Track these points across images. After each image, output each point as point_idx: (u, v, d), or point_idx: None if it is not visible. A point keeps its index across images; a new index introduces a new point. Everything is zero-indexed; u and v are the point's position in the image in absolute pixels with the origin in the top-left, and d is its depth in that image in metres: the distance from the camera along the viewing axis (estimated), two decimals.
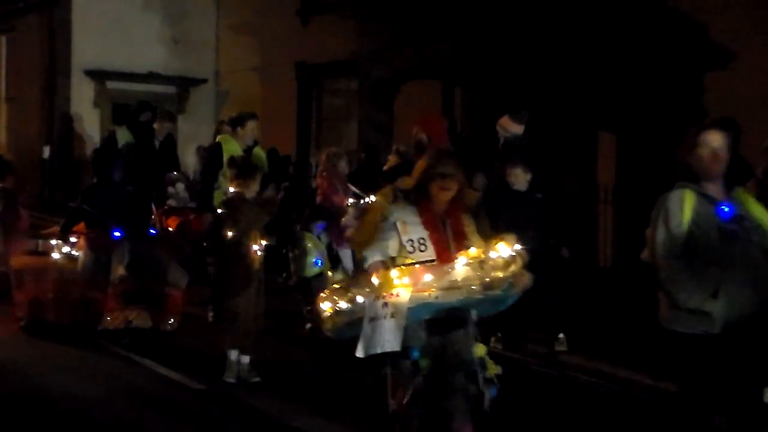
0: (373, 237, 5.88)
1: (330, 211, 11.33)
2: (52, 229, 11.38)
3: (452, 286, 5.50)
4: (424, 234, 5.81)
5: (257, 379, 8.91)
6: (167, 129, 13.31)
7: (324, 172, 11.91)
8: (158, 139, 13.09)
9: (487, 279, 5.50)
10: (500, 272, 5.53)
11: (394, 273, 5.54)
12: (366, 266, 5.73)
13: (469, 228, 5.91)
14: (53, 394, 8.58)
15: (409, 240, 5.78)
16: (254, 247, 8.90)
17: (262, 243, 9.01)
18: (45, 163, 22.43)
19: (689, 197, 5.68)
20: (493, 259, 5.55)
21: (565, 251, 10.35)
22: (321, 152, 13.06)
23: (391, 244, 5.80)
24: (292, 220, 12.17)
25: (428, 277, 5.52)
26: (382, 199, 6.49)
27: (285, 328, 11.27)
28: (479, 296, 5.55)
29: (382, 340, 5.47)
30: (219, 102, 22.91)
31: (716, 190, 5.75)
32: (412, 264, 5.65)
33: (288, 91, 20.55)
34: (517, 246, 5.66)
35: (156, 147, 13.09)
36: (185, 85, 22.91)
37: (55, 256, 10.74)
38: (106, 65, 22.03)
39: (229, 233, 8.91)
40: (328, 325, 5.78)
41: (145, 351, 9.99)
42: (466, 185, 6.04)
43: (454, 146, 10.68)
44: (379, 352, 5.52)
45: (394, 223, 5.85)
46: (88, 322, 10.39)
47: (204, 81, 23.03)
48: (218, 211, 9.48)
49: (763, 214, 5.75)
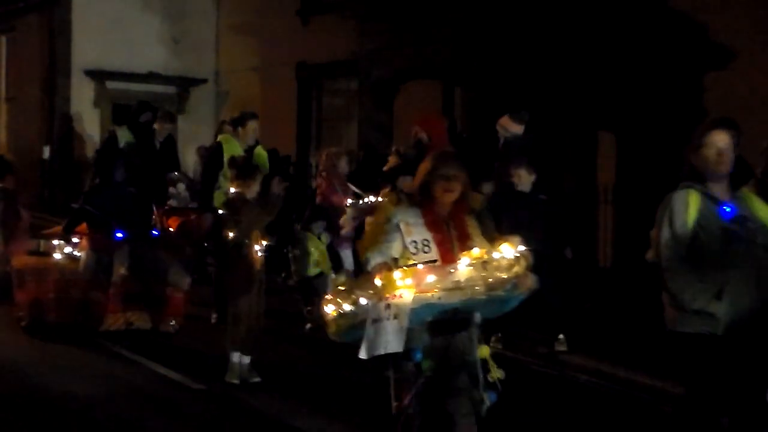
0: (378, 239, 5.87)
1: (329, 211, 11.35)
2: (55, 229, 11.38)
3: (455, 287, 5.46)
4: (428, 235, 5.78)
5: (257, 379, 8.91)
6: (168, 130, 13.29)
7: (323, 171, 11.94)
8: (158, 139, 13.07)
9: (490, 280, 5.47)
10: (503, 273, 5.50)
11: (396, 274, 5.50)
12: (369, 268, 5.70)
13: (474, 230, 5.88)
14: (53, 394, 8.58)
15: (413, 241, 5.76)
16: (256, 248, 8.91)
17: (263, 243, 9.02)
18: (45, 164, 22.42)
19: (694, 198, 5.66)
20: (496, 260, 5.52)
21: (568, 252, 10.35)
22: (321, 152, 13.08)
23: (395, 245, 5.77)
24: (292, 220, 12.18)
25: (431, 277, 5.48)
26: (386, 201, 6.46)
27: (285, 328, 11.28)
28: (482, 297, 5.51)
29: (384, 341, 5.44)
30: (219, 102, 22.91)
31: (721, 190, 5.72)
32: (415, 264, 5.63)
33: (288, 91, 20.55)
34: (522, 247, 5.63)
35: (156, 147, 13.07)
36: (185, 85, 22.90)
37: (57, 256, 10.75)
38: (106, 65, 22.03)
39: (231, 234, 8.91)
40: (332, 329, 5.72)
41: (146, 351, 9.99)
42: (469, 187, 6.01)
43: (454, 146, 10.67)
44: (381, 353, 5.48)
45: (398, 225, 5.81)
46: (89, 322, 10.41)
47: (204, 81, 23.02)
48: (219, 212, 9.49)
49: None
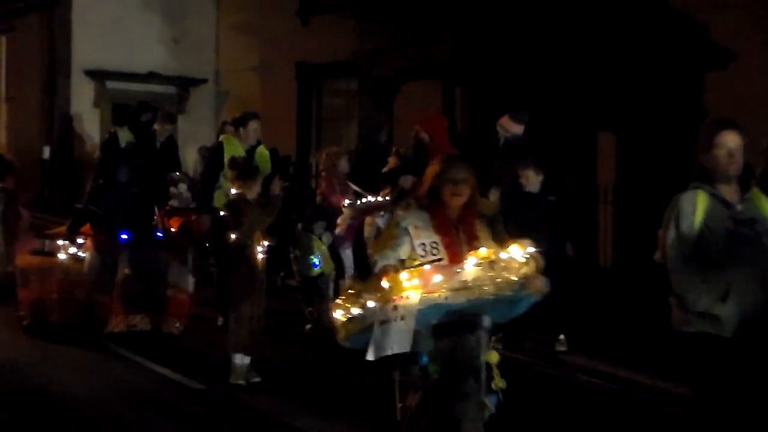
0: (386, 243, 5.85)
1: (329, 211, 11.35)
2: (59, 229, 11.37)
3: (462, 287, 5.45)
4: (436, 238, 5.78)
5: (257, 379, 8.91)
6: (168, 131, 13.27)
7: (323, 171, 11.93)
8: (159, 140, 13.06)
9: (498, 279, 5.45)
10: (511, 273, 5.49)
11: (403, 275, 5.49)
12: (376, 270, 5.69)
13: (483, 233, 5.86)
14: (53, 394, 8.57)
15: (422, 244, 5.75)
16: (257, 249, 8.90)
17: (264, 244, 9.01)
18: (45, 164, 22.42)
19: (702, 198, 5.62)
20: (504, 260, 5.51)
21: (569, 248, 10.33)
22: (321, 152, 13.07)
23: (403, 248, 5.77)
24: (292, 220, 12.18)
25: (437, 277, 5.47)
26: (400, 210, 6.45)
27: (285, 328, 11.27)
28: (489, 297, 5.49)
29: (391, 341, 5.43)
30: (219, 102, 22.91)
31: (731, 191, 5.68)
32: (421, 264, 5.61)
33: (288, 91, 20.55)
34: (531, 249, 5.62)
35: (157, 148, 13.06)
36: (185, 85, 22.90)
37: (62, 256, 10.73)
38: (106, 65, 22.02)
39: (233, 235, 8.90)
40: (341, 334, 5.71)
41: (146, 351, 9.99)
42: (478, 190, 6.00)
43: (454, 146, 10.67)
44: (389, 353, 5.46)
45: (406, 228, 5.82)
46: (93, 324, 10.39)
47: (204, 81, 23.02)
48: (219, 213, 9.48)
49: None
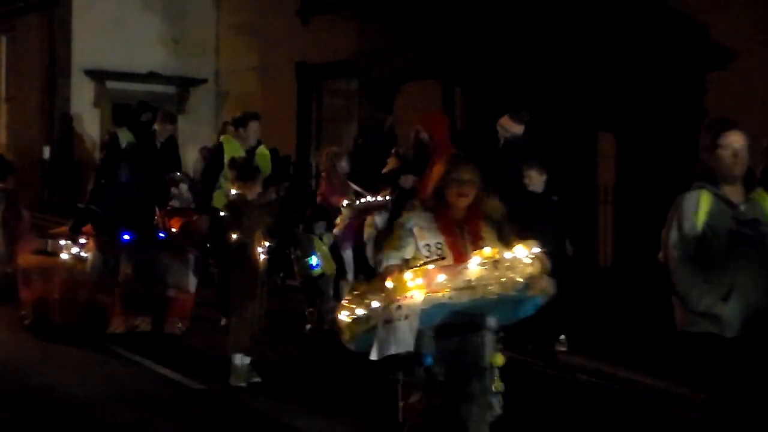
0: (391, 244, 5.84)
1: (329, 211, 11.34)
2: (62, 229, 11.36)
3: (466, 286, 5.42)
4: (441, 239, 5.77)
5: (257, 379, 8.90)
6: (169, 131, 13.23)
7: (323, 172, 11.92)
8: (160, 140, 13.04)
9: (502, 279, 5.43)
10: (515, 273, 5.47)
11: (407, 275, 5.49)
12: (380, 270, 5.69)
13: (488, 234, 5.84)
14: (53, 394, 8.57)
15: (426, 245, 5.74)
16: (258, 249, 8.89)
17: (265, 244, 8.99)
18: (45, 164, 22.42)
19: (705, 198, 5.60)
20: (508, 260, 5.49)
21: (569, 248, 10.32)
22: (321, 152, 13.06)
23: (408, 249, 5.76)
24: (292, 220, 12.17)
25: (441, 277, 5.46)
26: (406, 212, 6.44)
27: (285, 328, 11.27)
28: (493, 297, 5.47)
29: (395, 341, 5.41)
30: (219, 102, 22.91)
31: (735, 192, 5.66)
32: (425, 263, 5.60)
33: (288, 91, 20.55)
34: (537, 249, 5.60)
35: (157, 148, 13.04)
36: (185, 85, 22.90)
37: (64, 256, 10.73)
38: (106, 65, 22.03)
39: (234, 236, 8.89)
40: (346, 336, 5.68)
41: (146, 352, 9.98)
42: (484, 191, 5.98)
43: (454, 146, 10.67)
44: (392, 352, 5.45)
45: (411, 229, 5.81)
46: (95, 324, 10.38)
47: (204, 81, 23.02)
48: (219, 213, 9.45)
49: None
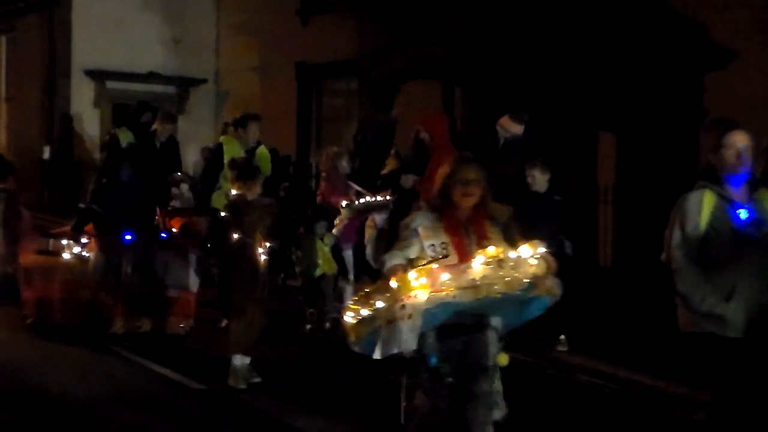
0: (396, 244, 5.85)
1: (329, 211, 11.33)
2: (64, 229, 11.36)
3: (470, 285, 5.41)
4: (446, 239, 5.76)
5: (257, 379, 8.90)
6: (169, 130, 13.21)
7: (323, 172, 11.92)
8: (160, 140, 13.03)
9: (507, 278, 5.41)
10: (520, 273, 5.45)
11: (411, 275, 5.48)
12: (385, 270, 5.68)
13: (494, 234, 5.83)
14: (53, 394, 8.57)
15: (431, 245, 5.73)
16: (259, 250, 8.88)
17: (266, 245, 8.98)
18: (45, 164, 22.42)
19: (708, 198, 5.59)
20: (512, 259, 5.47)
21: (569, 247, 10.32)
22: (321, 152, 13.04)
23: (412, 249, 5.76)
24: (292, 220, 12.16)
25: (445, 276, 5.44)
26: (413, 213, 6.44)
27: (285, 328, 11.27)
28: (497, 296, 5.46)
29: (398, 340, 5.40)
30: (219, 102, 22.92)
31: (739, 192, 5.64)
32: (429, 263, 5.59)
33: (288, 91, 20.56)
34: (542, 249, 5.59)
35: (157, 148, 13.03)
36: (185, 85, 22.91)
37: (66, 256, 10.74)
38: (106, 65, 22.04)
39: (234, 236, 8.88)
40: (352, 338, 5.66)
41: (146, 352, 9.98)
42: (489, 192, 5.97)
43: (455, 146, 10.67)
44: (395, 351, 5.45)
45: (416, 229, 5.81)
46: (96, 324, 10.38)
47: (204, 81, 23.03)
48: (220, 214, 9.44)
49: None
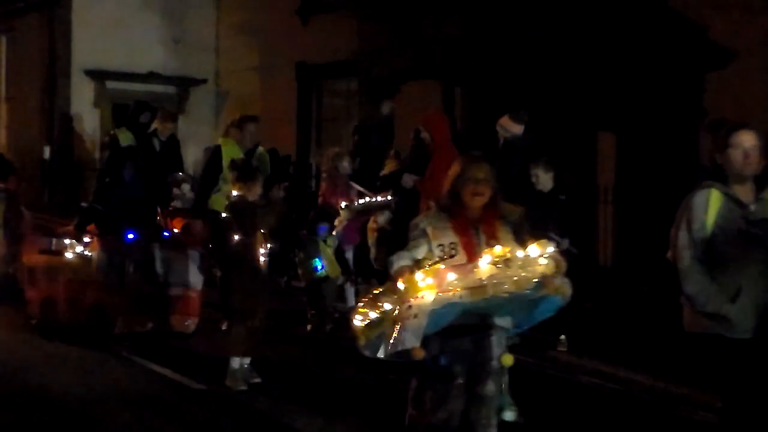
0: (405, 245, 5.83)
1: (330, 212, 11.33)
2: (67, 228, 11.37)
3: (477, 285, 5.38)
4: (455, 239, 5.73)
5: (257, 379, 8.90)
6: (170, 129, 13.22)
7: (324, 173, 11.91)
8: (161, 139, 13.03)
9: (514, 278, 5.38)
10: (528, 272, 5.42)
11: (418, 275, 5.47)
12: (392, 272, 5.66)
13: (504, 234, 5.80)
14: (53, 394, 8.58)
15: (440, 245, 5.71)
16: (260, 251, 8.88)
17: (267, 246, 8.97)
18: (45, 164, 22.41)
19: (715, 198, 5.56)
20: (520, 259, 5.44)
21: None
22: (322, 153, 13.04)
23: (420, 250, 5.75)
24: (293, 220, 12.16)
25: (452, 276, 5.42)
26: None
27: (285, 328, 11.27)
28: (504, 296, 5.42)
29: (402, 339, 5.40)
30: (219, 102, 22.90)
31: (746, 191, 5.62)
32: (435, 263, 5.58)
33: (288, 91, 20.54)
34: (551, 249, 5.56)
35: (156, 148, 13.03)
36: (185, 85, 22.89)
37: (69, 255, 10.74)
38: (106, 65, 22.01)
39: (235, 237, 8.87)
40: (361, 341, 5.65)
41: (146, 352, 9.99)
42: (499, 191, 5.95)
43: (455, 146, 10.67)
44: (399, 349, 5.43)
45: (424, 230, 5.79)
46: (101, 324, 10.37)
47: (204, 81, 23.01)
48: (221, 215, 9.43)
49: None
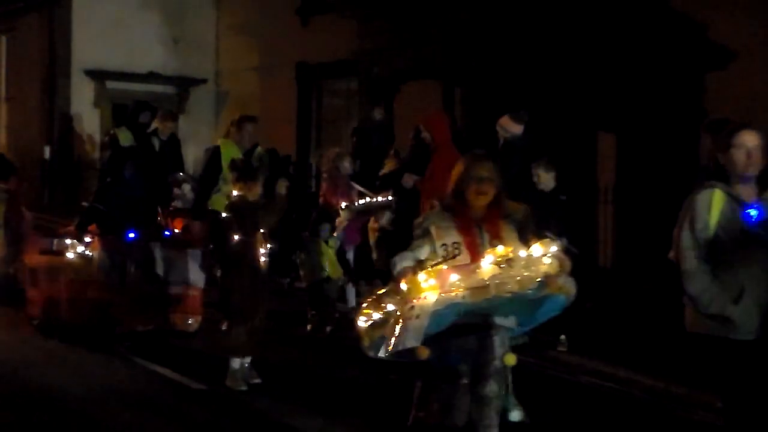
0: (408, 246, 5.82)
1: (331, 213, 11.33)
2: (69, 228, 11.38)
3: (479, 285, 5.36)
4: (459, 238, 5.72)
5: (257, 380, 8.90)
6: (170, 129, 13.22)
7: (325, 174, 11.91)
8: (162, 138, 13.03)
9: (518, 278, 5.36)
10: (530, 272, 5.40)
11: (421, 276, 5.45)
12: (395, 272, 5.66)
13: (508, 234, 5.79)
14: (53, 394, 8.58)
15: (443, 245, 5.70)
16: (260, 251, 8.88)
17: (267, 246, 8.97)
18: (45, 164, 22.41)
19: (718, 198, 5.54)
20: (523, 258, 5.42)
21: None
22: (322, 153, 13.02)
23: (423, 249, 5.74)
24: (292, 220, 12.15)
25: (454, 277, 5.41)
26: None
27: (285, 328, 11.27)
28: (507, 295, 5.41)
29: (403, 338, 5.39)
30: (219, 102, 22.91)
31: (748, 191, 5.60)
32: (438, 263, 5.57)
33: (288, 91, 20.54)
34: (554, 248, 5.54)
35: (156, 148, 13.03)
36: (185, 85, 22.89)
37: (70, 255, 10.75)
38: (106, 65, 22.02)
39: (235, 237, 8.87)
40: (366, 342, 5.65)
41: (146, 352, 9.99)
42: (503, 190, 5.94)
43: (456, 145, 10.68)
44: (400, 349, 5.43)
45: (428, 229, 5.78)
46: (104, 324, 10.38)
47: (204, 81, 23.01)
48: (222, 215, 9.44)
49: None
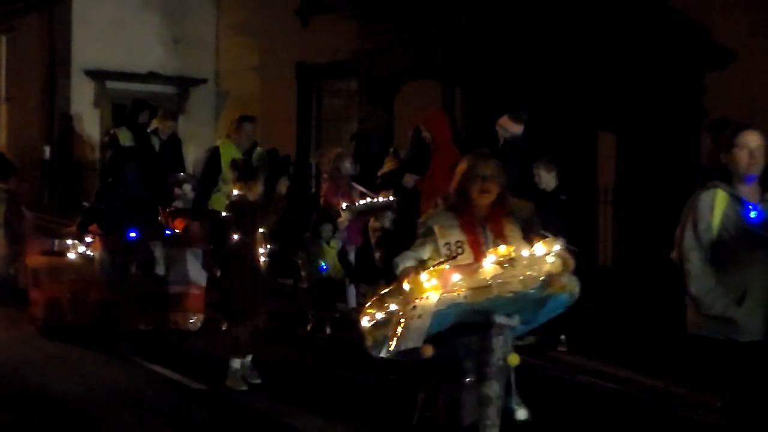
0: (411, 245, 5.80)
1: (332, 213, 11.33)
2: (70, 229, 11.38)
3: (481, 285, 5.34)
4: (462, 237, 5.71)
5: (257, 380, 8.91)
6: (171, 128, 13.23)
7: (325, 174, 11.92)
8: (162, 137, 13.04)
9: (520, 277, 5.34)
10: (533, 271, 5.38)
11: (423, 276, 5.43)
12: (397, 273, 5.64)
13: (512, 233, 5.77)
14: (53, 394, 8.58)
15: (446, 243, 5.68)
16: (260, 251, 8.88)
17: (267, 246, 8.97)
18: (45, 164, 22.42)
19: (720, 198, 5.55)
20: (525, 258, 5.40)
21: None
22: (322, 154, 13.03)
23: (426, 249, 5.72)
24: (292, 220, 12.16)
25: (456, 276, 5.39)
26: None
27: (286, 328, 11.27)
28: (509, 295, 5.39)
29: (405, 338, 5.39)
30: (219, 102, 22.91)
31: (751, 192, 5.60)
32: (440, 263, 5.54)
33: (288, 91, 20.54)
34: (558, 247, 5.53)
35: (155, 148, 13.04)
36: (185, 85, 22.89)
37: (71, 256, 10.75)
38: (106, 65, 22.02)
39: (235, 236, 8.88)
40: (369, 342, 5.62)
41: (146, 352, 9.99)
42: (507, 189, 5.92)
43: (456, 145, 10.68)
44: (402, 349, 5.43)
45: (431, 228, 5.77)
46: (106, 324, 10.38)
47: (204, 81, 23.01)
48: (222, 215, 9.45)
49: None
